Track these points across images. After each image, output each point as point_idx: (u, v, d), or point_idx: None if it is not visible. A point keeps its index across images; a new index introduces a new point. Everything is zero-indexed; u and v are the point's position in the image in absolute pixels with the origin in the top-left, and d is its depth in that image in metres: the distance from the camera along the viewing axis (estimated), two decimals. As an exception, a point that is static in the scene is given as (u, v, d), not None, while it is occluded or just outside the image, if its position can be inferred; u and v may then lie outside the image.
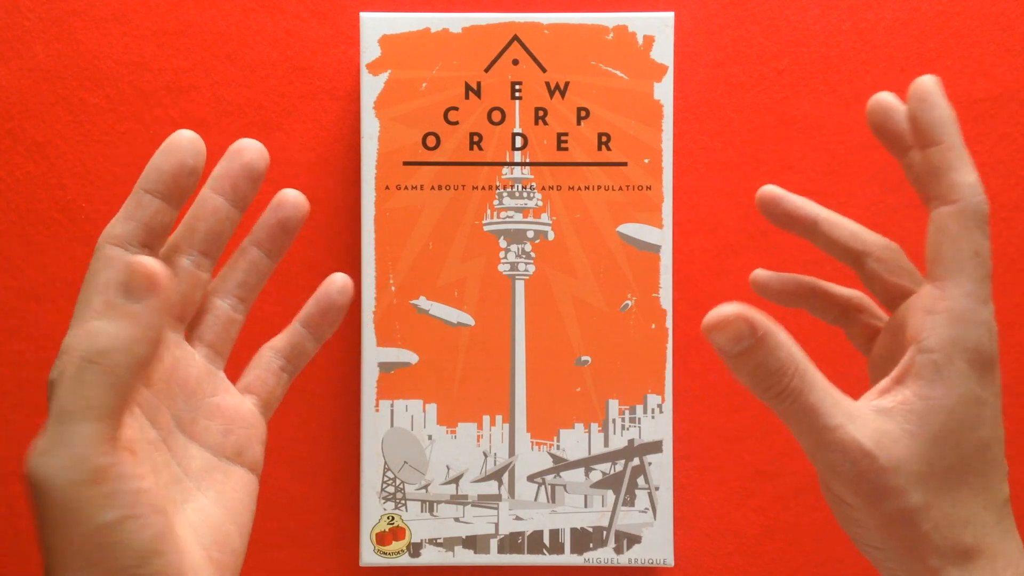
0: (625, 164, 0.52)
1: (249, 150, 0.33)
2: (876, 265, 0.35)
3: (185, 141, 0.32)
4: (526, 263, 0.52)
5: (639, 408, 0.52)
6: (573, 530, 0.52)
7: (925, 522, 0.29)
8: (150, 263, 0.27)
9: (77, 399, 0.27)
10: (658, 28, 0.52)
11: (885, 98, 0.33)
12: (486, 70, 0.52)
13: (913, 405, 0.29)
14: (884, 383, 0.31)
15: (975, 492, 0.30)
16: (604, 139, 0.52)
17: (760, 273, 0.39)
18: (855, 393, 0.31)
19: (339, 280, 0.36)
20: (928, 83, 0.30)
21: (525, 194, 0.52)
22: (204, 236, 0.33)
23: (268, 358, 0.36)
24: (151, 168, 0.31)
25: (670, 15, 0.52)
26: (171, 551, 0.28)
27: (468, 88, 0.52)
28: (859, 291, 0.38)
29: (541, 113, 0.52)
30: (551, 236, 0.52)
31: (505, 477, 0.52)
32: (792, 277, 0.39)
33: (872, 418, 0.30)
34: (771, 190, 0.37)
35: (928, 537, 0.29)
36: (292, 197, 0.35)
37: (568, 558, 0.52)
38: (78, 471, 0.26)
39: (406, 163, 0.52)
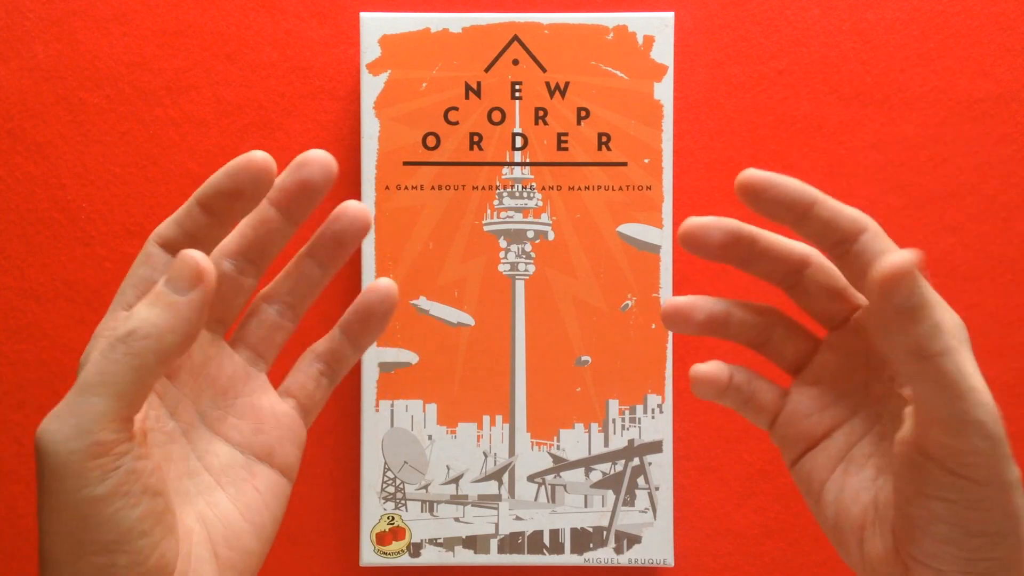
0: (625, 164, 0.52)
1: (309, 166, 0.31)
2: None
3: (252, 167, 0.30)
4: (526, 263, 0.52)
5: (639, 408, 0.52)
6: (573, 530, 0.52)
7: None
8: (199, 258, 0.28)
9: (98, 374, 0.27)
10: (658, 28, 0.52)
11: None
12: (486, 70, 0.52)
13: None
14: None
15: None
16: (604, 139, 0.52)
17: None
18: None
19: (382, 286, 0.34)
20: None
21: (525, 194, 0.52)
22: (251, 244, 0.32)
23: (308, 362, 0.35)
24: (209, 182, 0.30)
25: (670, 15, 0.52)
26: (158, 533, 0.28)
27: (468, 88, 0.52)
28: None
29: (541, 113, 0.52)
30: (551, 236, 0.52)
31: (505, 477, 0.52)
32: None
33: None
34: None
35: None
36: (352, 209, 0.33)
37: (568, 558, 0.52)
38: (81, 441, 0.27)
39: (406, 163, 0.52)
